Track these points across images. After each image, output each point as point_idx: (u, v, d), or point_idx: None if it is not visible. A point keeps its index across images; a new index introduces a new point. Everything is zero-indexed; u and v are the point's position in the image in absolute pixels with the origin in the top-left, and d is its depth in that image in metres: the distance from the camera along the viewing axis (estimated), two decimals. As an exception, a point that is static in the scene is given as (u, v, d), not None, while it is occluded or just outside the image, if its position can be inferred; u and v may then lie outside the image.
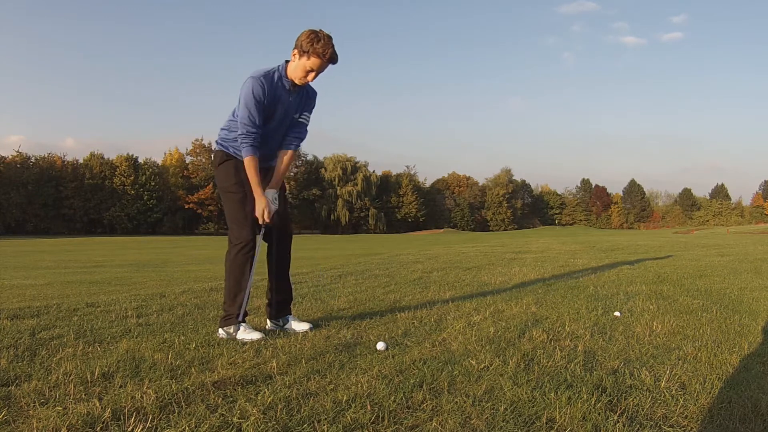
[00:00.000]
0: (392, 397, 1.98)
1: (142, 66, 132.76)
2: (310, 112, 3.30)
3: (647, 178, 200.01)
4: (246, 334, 3.00)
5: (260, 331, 3.11)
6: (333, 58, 3.00)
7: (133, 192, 69.85)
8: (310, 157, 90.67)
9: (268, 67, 3.09)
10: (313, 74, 3.04)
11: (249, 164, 3.05)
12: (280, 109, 3.11)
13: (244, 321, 3.09)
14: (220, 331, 3.08)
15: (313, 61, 2.97)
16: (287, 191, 3.57)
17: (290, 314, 3.36)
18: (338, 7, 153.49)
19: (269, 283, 3.36)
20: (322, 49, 2.93)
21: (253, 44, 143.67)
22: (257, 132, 3.03)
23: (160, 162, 78.03)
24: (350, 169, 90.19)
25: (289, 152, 3.29)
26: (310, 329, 3.19)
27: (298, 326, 3.23)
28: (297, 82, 3.06)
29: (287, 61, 3.09)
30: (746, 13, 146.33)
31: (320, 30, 2.97)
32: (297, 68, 3.02)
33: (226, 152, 3.20)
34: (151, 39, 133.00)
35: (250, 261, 3.10)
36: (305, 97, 3.21)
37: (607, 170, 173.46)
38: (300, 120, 3.26)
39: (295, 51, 3.00)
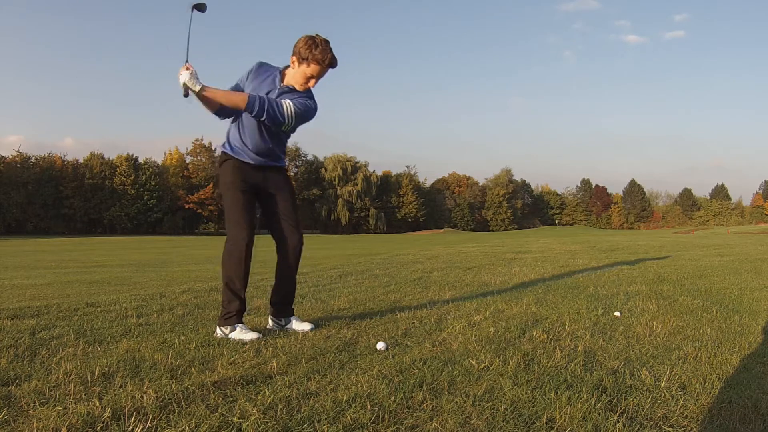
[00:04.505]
0: (392, 397, 1.98)
1: (142, 66, 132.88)
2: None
3: (647, 178, 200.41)
4: (241, 334, 2.99)
5: (258, 331, 3.11)
6: (332, 63, 2.98)
7: (133, 192, 69.84)
8: (310, 157, 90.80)
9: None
10: (313, 81, 3.02)
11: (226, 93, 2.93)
12: None
13: (241, 321, 3.09)
14: (218, 330, 3.08)
15: (313, 68, 2.96)
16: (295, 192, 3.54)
17: (293, 315, 3.36)
18: (339, 7, 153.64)
19: (275, 282, 3.35)
20: (321, 54, 2.92)
21: (253, 45, 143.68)
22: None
23: (160, 162, 78.09)
24: (350, 169, 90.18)
25: (245, 99, 2.92)
26: (312, 329, 3.19)
27: (300, 326, 3.23)
28: (298, 88, 3.04)
29: (286, 67, 3.08)
30: (749, 12, 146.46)
31: (317, 35, 2.95)
32: (297, 75, 3.00)
33: (225, 152, 3.19)
34: (151, 39, 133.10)
35: (244, 261, 3.07)
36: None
37: (607, 170, 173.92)
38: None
39: (294, 58, 2.98)
